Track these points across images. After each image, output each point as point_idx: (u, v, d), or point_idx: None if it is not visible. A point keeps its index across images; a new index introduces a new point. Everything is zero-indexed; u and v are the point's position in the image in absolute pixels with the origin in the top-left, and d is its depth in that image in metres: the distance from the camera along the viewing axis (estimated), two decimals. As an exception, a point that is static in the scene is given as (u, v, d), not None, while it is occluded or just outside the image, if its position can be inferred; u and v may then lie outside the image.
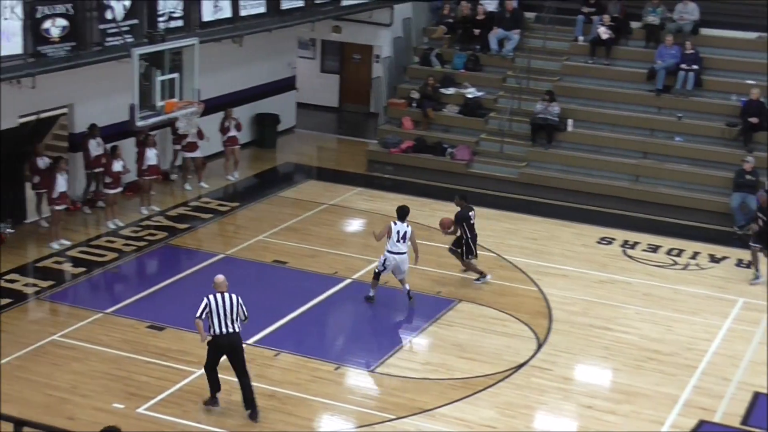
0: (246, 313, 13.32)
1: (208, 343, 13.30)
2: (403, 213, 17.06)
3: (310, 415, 13.67)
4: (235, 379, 13.43)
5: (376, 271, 17.05)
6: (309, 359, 15.07)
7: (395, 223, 16.93)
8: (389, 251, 16.85)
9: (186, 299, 17.25)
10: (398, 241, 16.84)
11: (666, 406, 14.16)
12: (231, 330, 13.13)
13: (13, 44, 16.34)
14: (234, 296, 13.26)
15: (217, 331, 13.10)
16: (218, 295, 13.19)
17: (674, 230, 21.11)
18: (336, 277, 18.02)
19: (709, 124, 23.81)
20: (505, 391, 14.44)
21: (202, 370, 13.98)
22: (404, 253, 16.88)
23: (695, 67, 24.33)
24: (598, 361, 15.56)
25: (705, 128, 23.77)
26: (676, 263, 19.47)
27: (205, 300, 13.16)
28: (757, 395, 14.58)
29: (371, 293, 17.11)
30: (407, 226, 16.99)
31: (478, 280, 17.96)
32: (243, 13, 21.59)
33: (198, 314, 13.16)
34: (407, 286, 17.11)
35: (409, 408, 13.86)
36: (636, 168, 23.62)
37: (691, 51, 24.46)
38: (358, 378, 14.76)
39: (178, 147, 22.47)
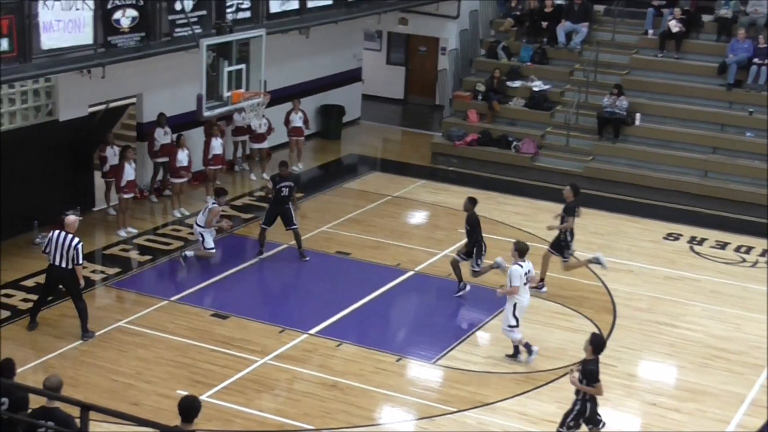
0: (80, 259, 14.75)
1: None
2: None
3: (372, 406, 13.68)
4: (296, 368, 13.50)
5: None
6: (371, 350, 15.08)
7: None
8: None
9: (250, 288, 17.46)
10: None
11: (732, 405, 13.94)
12: (62, 265, 14.70)
13: (84, 34, 16.56)
14: (74, 238, 14.75)
15: (50, 261, 14.79)
16: (61, 233, 14.76)
17: (743, 227, 20.75)
18: (399, 269, 18.01)
19: (781, 119, 23.37)
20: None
21: (265, 359, 14.11)
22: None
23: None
24: (663, 358, 15.36)
25: (777, 123, 23.34)
26: (744, 260, 19.14)
27: (50, 233, 14.88)
28: (826, 396, 14.29)
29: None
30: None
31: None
32: (310, 4, 21.64)
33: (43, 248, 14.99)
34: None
35: (470, 401, 13.81)
36: (705, 163, 23.27)
37: (764, 45, 24.01)
38: (419, 370, 14.74)
39: (242, 138, 22.65)
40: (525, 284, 14.67)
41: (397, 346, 15.50)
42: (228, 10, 19.09)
